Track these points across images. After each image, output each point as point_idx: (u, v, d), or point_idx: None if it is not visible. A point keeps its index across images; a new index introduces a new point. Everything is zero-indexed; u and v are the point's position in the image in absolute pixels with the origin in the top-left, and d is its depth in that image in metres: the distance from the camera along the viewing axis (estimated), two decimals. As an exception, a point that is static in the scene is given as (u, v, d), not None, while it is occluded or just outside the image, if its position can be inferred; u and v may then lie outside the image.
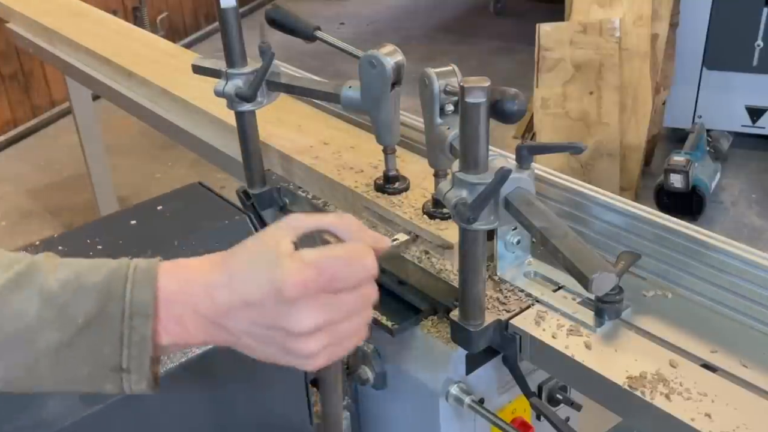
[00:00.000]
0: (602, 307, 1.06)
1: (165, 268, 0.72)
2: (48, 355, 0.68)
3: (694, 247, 1.07)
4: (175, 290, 0.71)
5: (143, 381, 0.71)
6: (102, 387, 0.71)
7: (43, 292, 0.68)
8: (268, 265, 0.69)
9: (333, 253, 0.70)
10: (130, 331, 0.69)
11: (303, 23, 1.33)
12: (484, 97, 0.88)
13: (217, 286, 0.70)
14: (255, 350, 0.72)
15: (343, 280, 0.69)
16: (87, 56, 2.22)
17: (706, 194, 3.30)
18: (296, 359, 0.71)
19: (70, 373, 0.70)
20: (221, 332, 0.71)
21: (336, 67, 4.85)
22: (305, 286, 0.67)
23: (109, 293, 0.69)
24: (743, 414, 0.90)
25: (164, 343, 0.71)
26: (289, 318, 0.68)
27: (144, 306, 0.69)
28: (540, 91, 3.32)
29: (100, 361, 0.69)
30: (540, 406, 1.12)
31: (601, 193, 1.18)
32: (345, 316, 0.71)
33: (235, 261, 0.72)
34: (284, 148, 1.51)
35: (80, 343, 0.68)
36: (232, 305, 0.70)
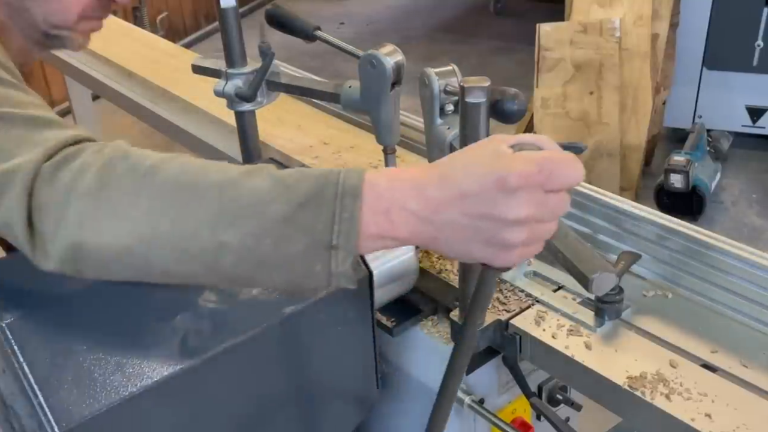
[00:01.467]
0: (602, 307, 1.06)
1: (374, 171, 0.79)
2: (274, 225, 0.76)
3: (694, 247, 1.07)
4: (383, 186, 0.77)
5: (349, 259, 0.77)
6: (313, 267, 0.77)
7: (274, 176, 0.78)
8: (492, 159, 0.74)
9: (552, 155, 0.75)
10: (340, 210, 0.75)
11: (303, 23, 1.33)
12: (484, 97, 0.88)
13: (429, 184, 0.75)
14: (455, 245, 0.76)
15: (558, 179, 0.73)
16: (87, 56, 2.22)
17: (706, 194, 3.30)
18: (495, 251, 0.75)
19: (289, 247, 0.76)
20: (427, 227, 0.76)
21: (336, 67, 4.85)
22: (527, 179, 0.72)
23: (326, 179, 0.77)
24: (743, 414, 0.91)
25: (371, 232, 0.76)
26: (505, 206, 0.72)
27: (354, 188, 0.76)
28: (540, 91, 3.32)
29: (314, 236, 0.76)
30: (540, 406, 1.12)
31: (601, 193, 1.18)
32: (548, 216, 0.75)
33: (449, 163, 0.77)
34: (284, 148, 1.51)
35: (300, 216, 0.76)
36: (444, 199, 0.74)
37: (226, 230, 0.76)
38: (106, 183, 0.78)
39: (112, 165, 0.79)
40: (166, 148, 4.12)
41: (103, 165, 0.79)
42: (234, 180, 0.78)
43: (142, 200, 0.77)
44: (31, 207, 0.78)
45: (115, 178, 0.78)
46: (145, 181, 0.78)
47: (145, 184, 0.78)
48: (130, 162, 0.79)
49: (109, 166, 0.79)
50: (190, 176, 0.78)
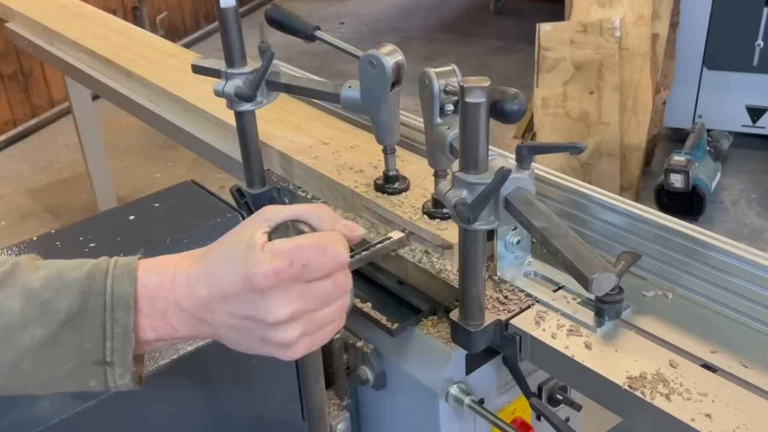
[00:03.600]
0: (602, 307, 1.06)
1: (145, 264, 0.73)
2: (32, 352, 0.69)
3: (694, 247, 1.07)
4: (156, 284, 0.72)
5: (127, 374, 0.72)
6: (86, 383, 0.71)
7: (26, 291, 0.70)
8: (241, 257, 0.70)
9: (304, 242, 0.71)
10: (112, 324, 0.70)
11: (303, 23, 1.33)
12: (484, 97, 0.88)
13: (198, 280, 0.72)
14: (236, 342, 0.74)
15: (314, 268, 0.70)
16: (87, 56, 2.22)
17: (707, 194, 3.30)
18: (275, 349, 0.72)
19: (54, 369, 0.70)
20: (204, 326, 0.73)
21: (336, 67, 4.85)
22: (276, 276, 0.68)
23: (90, 288, 0.70)
24: (743, 414, 0.90)
25: (149, 338, 0.72)
26: (263, 308, 0.69)
27: (125, 298, 0.70)
28: (540, 91, 3.31)
29: (83, 355, 0.70)
30: (540, 406, 1.12)
31: (601, 193, 1.18)
32: (320, 305, 0.72)
33: (212, 255, 0.73)
34: (284, 148, 1.51)
35: (63, 338, 0.69)
36: (210, 298, 0.71)
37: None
38: None
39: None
40: (166, 148, 4.12)
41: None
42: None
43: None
44: None
45: None
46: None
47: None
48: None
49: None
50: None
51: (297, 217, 0.75)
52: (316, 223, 0.75)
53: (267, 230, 0.73)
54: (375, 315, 1.16)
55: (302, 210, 0.76)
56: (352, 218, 1.34)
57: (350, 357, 1.22)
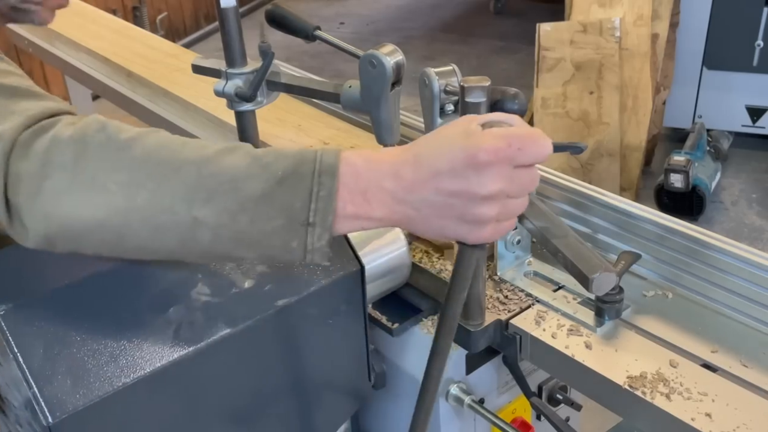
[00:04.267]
0: (602, 307, 1.06)
1: (350, 152, 0.79)
2: (252, 202, 0.76)
3: (694, 247, 1.07)
4: (361, 165, 0.77)
5: (325, 235, 0.77)
6: (289, 243, 0.77)
7: (251, 154, 0.78)
8: (462, 138, 0.75)
9: (520, 131, 0.76)
10: (318, 187, 0.76)
11: (303, 23, 1.33)
12: (484, 96, 0.88)
13: (404, 164, 0.77)
14: (430, 223, 0.78)
15: (527, 153, 0.75)
16: (87, 56, 2.22)
17: (707, 194, 3.30)
18: (470, 227, 0.76)
19: (266, 224, 0.77)
20: (402, 207, 0.77)
21: (336, 67, 4.86)
22: (496, 154, 0.74)
23: (303, 158, 0.78)
24: (743, 414, 0.91)
25: (347, 212, 0.77)
26: (476, 182, 0.74)
27: (331, 167, 0.76)
28: (540, 91, 3.31)
29: (292, 213, 0.76)
30: (540, 405, 1.12)
31: (601, 193, 1.18)
32: (518, 191, 0.77)
33: (423, 144, 0.78)
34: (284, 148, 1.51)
35: (278, 194, 0.76)
36: (417, 179, 0.76)
37: (203, 206, 0.76)
38: (82, 155, 0.76)
39: (89, 137, 0.77)
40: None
41: (79, 137, 0.77)
42: (211, 157, 0.77)
43: (117, 173, 0.76)
44: (8, 177, 0.77)
45: (91, 150, 0.77)
46: (121, 154, 0.77)
47: (122, 157, 0.77)
48: (106, 134, 0.78)
49: (85, 138, 0.77)
50: (167, 151, 0.78)
51: (496, 120, 0.79)
52: (517, 124, 0.80)
53: (480, 123, 0.78)
54: (375, 315, 1.16)
55: (501, 116, 0.80)
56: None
57: (350, 357, 1.22)
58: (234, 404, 0.96)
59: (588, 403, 1.14)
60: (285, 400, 1.02)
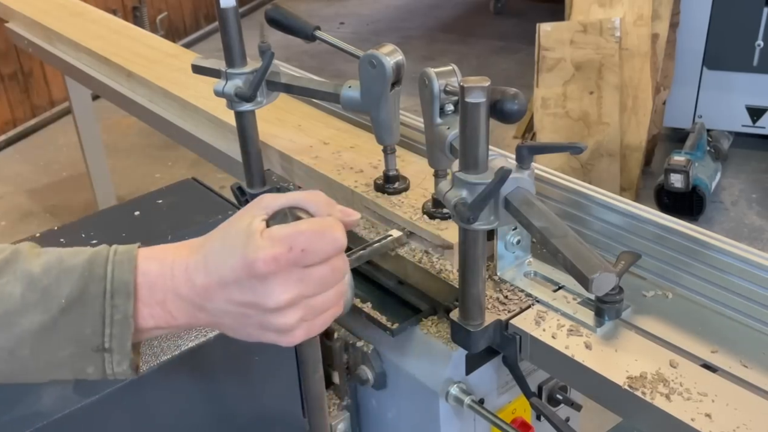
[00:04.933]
0: (602, 307, 1.06)
1: (145, 252, 0.74)
2: (31, 336, 0.69)
3: (694, 247, 1.07)
4: (156, 272, 0.72)
5: (125, 361, 0.72)
6: (84, 370, 0.72)
7: (27, 277, 0.70)
8: (240, 244, 0.70)
9: (302, 228, 0.71)
10: (111, 310, 0.70)
11: (303, 23, 1.33)
12: (484, 97, 0.88)
13: (196, 268, 0.72)
14: (235, 329, 0.74)
15: (313, 253, 0.70)
16: (87, 56, 2.22)
17: (707, 194, 3.29)
18: (275, 335, 0.73)
19: (53, 355, 0.70)
20: (202, 313, 0.73)
21: (336, 67, 4.86)
22: (276, 261, 0.69)
23: (91, 274, 0.71)
24: (743, 414, 0.90)
25: (148, 326, 0.73)
26: (262, 293, 0.70)
27: (125, 284, 0.71)
28: (540, 91, 3.31)
29: (82, 341, 0.70)
30: (540, 406, 1.12)
31: (601, 193, 1.18)
32: (318, 290, 0.72)
33: (210, 243, 0.74)
34: (284, 148, 1.51)
35: (63, 324, 0.70)
36: (209, 285, 0.71)
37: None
38: None
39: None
40: (166, 148, 4.11)
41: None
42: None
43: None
44: None
45: None
46: None
47: None
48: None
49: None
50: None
51: (294, 204, 0.76)
52: (313, 209, 0.76)
53: (264, 218, 0.74)
54: (375, 315, 1.16)
55: (299, 197, 0.76)
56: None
57: (350, 357, 1.22)
58: None
59: (588, 403, 1.14)
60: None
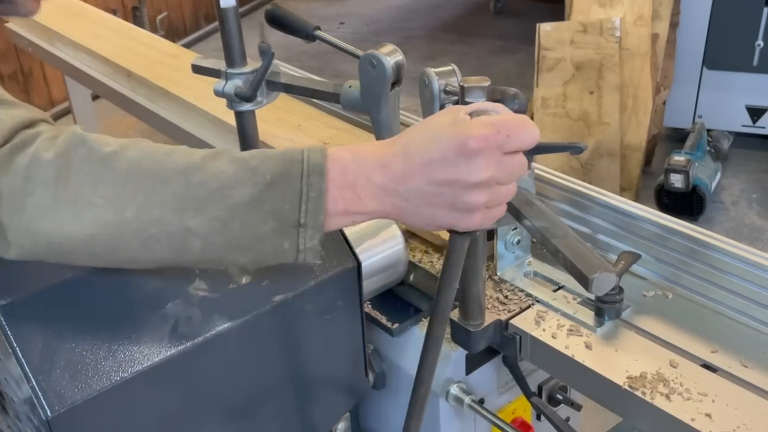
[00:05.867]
0: (602, 307, 1.06)
1: (337, 147, 0.80)
2: (242, 209, 0.76)
3: (694, 247, 1.07)
4: (348, 159, 0.78)
5: (317, 235, 0.78)
6: (281, 246, 0.78)
7: (238, 159, 0.78)
8: (451, 126, 0.76)
9: (508, 118, 0.78)
10: (307, 188, 0.76)
11: (303, 23, 1.33)
12: (484, 96, 0.88)
13: (393, 156, 0.77)
14: (421, 213, 0.78)
15: (515, 140, 0.76)
16: (87, 56, 2.22)
17: (707, 194, 3.29)
18: (459, 214, 0.77)
19: (257, 228, 0.77)
20: (393, 198, 0.78)
21: (336, 67, 4.85)
22: (486, 141, 0.75)
23: (291, 158, 0.78)
24: (743, 414, 0.91)
25: (338, 209, 0.78)
26: (466, 170, 0.75)
27: (318, 166, 0.77)
28: (540, 91, 3.31)
29: (282, 217, 0.77)
30: (540, 405, 1.12)
31: (601, 193, 1.18)
32: (508, 178, 0.78)
33: (411, 135, 0.79)
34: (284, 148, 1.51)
35: (268, 198, 0.76)
36: (407, 170, 0.76)
37: (193, 216, 0.76)
38: (65, 170, 0.75)
39: (70, 151, 0.76)
40: (166, 148, 4.07)
41: (60, 152, 0.76)
42: (198, 165, 0.77)
43: (103, 187, 0.75)
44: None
45: (74, 165, 0.75)
46: (105, 168, 0.76)
47: (106, 170, 0.76)
48: (88, 148, 0.76)
49: (67, 153, 0.76)
50: (152, 162, 0.77)
51: (481, 109, 0.80)
52: (503, 111, 0.81)
53: (468, 112, 0.78)
54: (375, 315, 1.16)
55: (487, 104, 0.81)
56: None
57: (350, 357, 1.22)
58: (231, 399, 0.96)
59: (588, 403, 1.14)
60: (282, 395, 1.02)
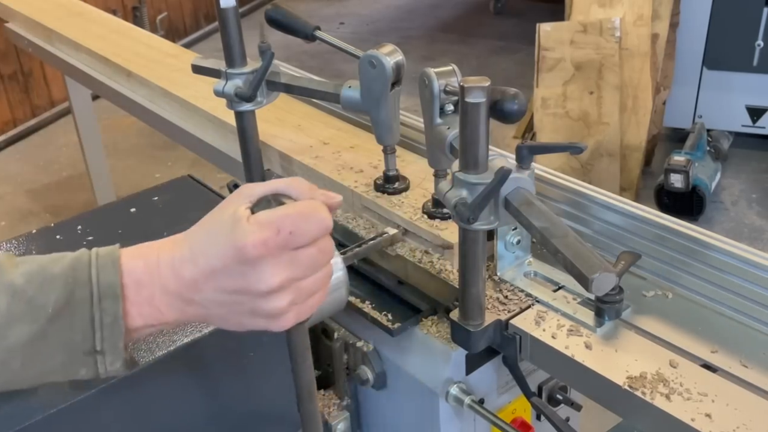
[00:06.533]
0: (602, 307, 1.06)
1: (128, 252, 0.74)
2: (21, 348, 0.69)
3: (694, 247, 1.07)
4: (141, 270, 0.72)
5: (118, 361, 0.72)
6: (76, 373, 0.72)
7: (10, 288, 0.69)
8: (227, 231, 0.71)
9: (288, 211, 0.72)
10: (101, 314, 0.70)
11: (303, 23, 1.33)
12: (484, 97, 0.88)
13: (182, 261, 0.72)
14: (226, 319, 0.74)
15: (301, 234, 0.71)
16: (87, 56, 2.22)
17: (707, 194, 3.29)
18: (266, 321, 0.73)
19: (44, 364, 0.71)
20: (192, 307, 0.73)
21: (336, 67, 4.86)
22: (265, 245, 0.69)
23: (75, 280, 0.70)
24: (743, 414, 0.90)
25: (138, 325, 0.73)
26: (253, 278, 0.70)
27: (112, 287, 0.71)
28: (540, 91, 3.31)
29: (73, 347, 0.70)
30: (541, 405, 1.12)
31: (601, 193, 1.18)
32: (307, 272, 0.73)
33: (195, 235, 0.74)
34: (284, 148, 1.51)
35: (52, 332, 0.69)
36: (197, 277, 0.71)
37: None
38: None
39: None
40: (166, 148, 4.10)
41: None
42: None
43: None
44: None
45: None
46: None
47: None
48: None
49: None
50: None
51: (276, 191, 0.76)
52: (295, 194, 0.76)
53: (248, 205, 0.74)
54: (375, 315, 1.16)
55: (280, 184, 0.77)
56: (352, 218, 1.34)
57: (350, 357, 1.22)
58: None
59: (588, 403, 1.14)
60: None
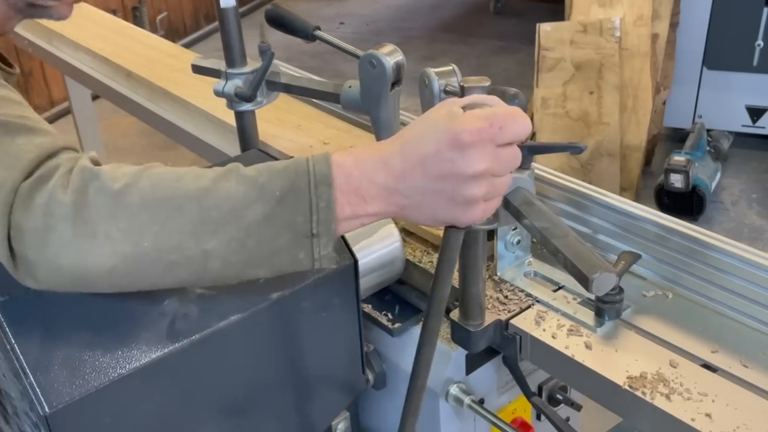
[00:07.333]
0: (602, 307, 1.06)
1: (338, 152, 0.82)
2: (256, 227, 0.79)
3: (694, 247, 1.07)
4: (351, 165, 0.80)
5: (330, 243, 0.81)
6: (297, 256, 0.81)
7: (246, 178, 0.80)
8: (445, 120, 0.79)
9: (498, 111, 0.80)
10: (317, 199, 0.79)
11: (303, 23, 1.33)
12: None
13: (392, 155, 0.80)
14: (423, 208, 0.81)
15: (507, 132, 0.78)
16: (87, 56, 2.22)
17: (707, 194, 3.29)
18: (461, 208, 0.79)
19: (273, 243, 0.80)
20: (395, 197, 0.80)
21: (336, 67, 4.86)
22: (479, 134, 0.77)
23: (296, 171, 0.80)
24: (743, 414, 0.91)
25: (346, 214, 0.80)
26: (461, 163, 0.77)
27: (325, 176, 0.79)
28: (540, 91, 3.31)
29: (295, 229, 0.79)
30: (541, 405, 1.12)
31: (601, 193, 1.18)
32: (503, 169, 0.80)
33: (408, 132, 0.81)
34: (284, 148, 1.51)
35: (279, 213, 0.79)
36: (406, 167, 0.79)
37: (210, 239, 0.78)
38: (81, 205, 0.77)
39: (84, 187, 0.78)
40: (166, 148, 4.10)
41: (76, 188, 0.78)
42: (208, 188, 0.79)
43: (119, 220, 0.77)
44: (10, 229, 0.77)
45: (89, 201, 0.77)
46: (119, 201, 0.77)
47: (120, 204, 0.77)
48: (100, 182, 0.78)
49: (81, 189, 0.78)
50: (164, 190, 0.79)
51: (476, 102, 0.82)
52: (497, 104, 0.83)
53: (462, 105, 0.81)
54: (375, 315, 1.16)
55: (480, 97, 0.83)
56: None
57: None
58: (228, 396, 0.97)
59: (588, 403, 1.14)
60: (279, 392, 1.03)
